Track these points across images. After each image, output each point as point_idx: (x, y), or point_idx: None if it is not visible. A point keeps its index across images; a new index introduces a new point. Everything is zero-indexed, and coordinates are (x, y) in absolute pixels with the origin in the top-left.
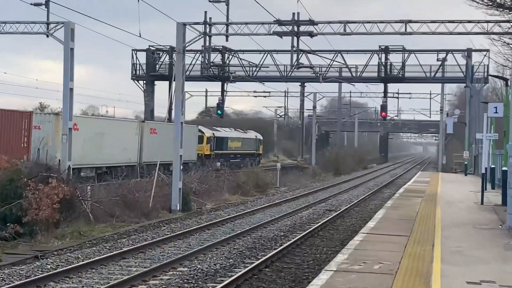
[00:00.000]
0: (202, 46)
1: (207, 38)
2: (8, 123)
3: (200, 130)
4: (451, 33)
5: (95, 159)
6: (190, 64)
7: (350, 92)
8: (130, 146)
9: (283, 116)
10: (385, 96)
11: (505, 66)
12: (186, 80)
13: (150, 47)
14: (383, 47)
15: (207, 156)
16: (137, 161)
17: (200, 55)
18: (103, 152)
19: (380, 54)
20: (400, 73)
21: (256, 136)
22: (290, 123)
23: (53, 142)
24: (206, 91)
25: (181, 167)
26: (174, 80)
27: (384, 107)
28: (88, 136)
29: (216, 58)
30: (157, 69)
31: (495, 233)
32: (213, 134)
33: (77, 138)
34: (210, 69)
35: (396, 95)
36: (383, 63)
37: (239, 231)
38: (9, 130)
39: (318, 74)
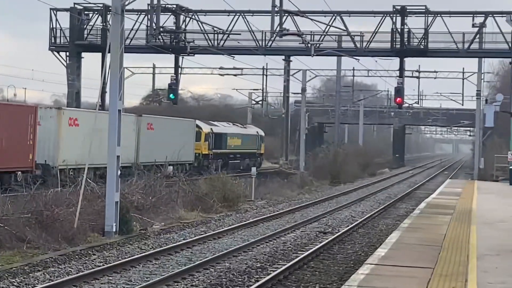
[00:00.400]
0: (149, 4)
1: None
2: (13, 119)
3: (196, 125)
4: None
5: (95, 158)
6: (132, 29)
7: (353, 69)
8: (127, 144)
9: (260, 102)
10: (401, 75)
11: None
12: (126, 52)
13: (76, 6)
14: (399, 7)
15: (205, 156)
16: (134, 161)
17: (146, 18)
18: (102, 151)
19: (394, 18)
20: (422, 43)
21: (257, 132)
22: (270, 112)
23: (55, 139)
24: (154, 67)
25: (119, 172)
26: (108, 52)
27: (399, 91)
28: (88, 133)
29: (167, 21)
30: (85, 36)
31: None
32: (211, 129)
33: (77, 135)
34: (160, 37)
35: (416, 74)
36: (399, 30)
37: (198, 262)
38: (13, 126)
39: (309, 45)
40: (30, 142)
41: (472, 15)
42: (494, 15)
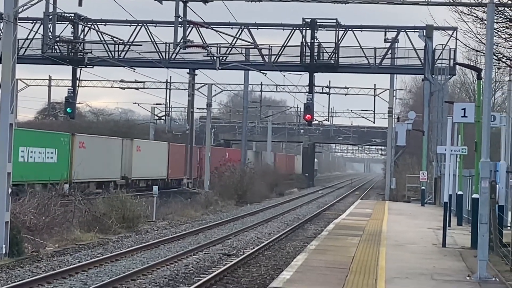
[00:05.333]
0: (44, 12)
1: (51, 0)
2: None
3: None
4: (403, 3)
5: None
6: (26, 39)
7: (261, 84)
8: None
9: (163, 117)
10: (311, 91)
11: (478, 51)
12: (19, 62)
13: None
14: (309, 20)
15: None
16: None
17: (41, 26)
18: None
19: (304, 31)
20: (333, 58)
21: None
22: (174, 128)
23: None
24: (50, 79)
25: (10, 190)
26: (0, 62)
27: (309, 107)
28: None
29: (65, 31)
30: None
31: None
32: None
33: None
34: (56, 47)
35: (326, 89)
36: (309, 44)
37: (94, 286)
38: None
39: (215, 58)
40: None
41: (384, 29)
42: (407, 30)
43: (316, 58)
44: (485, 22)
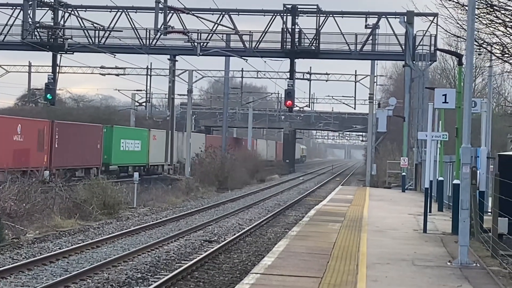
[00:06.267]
0: None
1: None
2: None
3: None
4: None
5: None
6: (6, 25)
7: (242, 70)
8: None
9: (144, 104)
10: (292, 77)
11: (459, 37)
12: None
13: None
14: (290, 6)
15: None
16: None
17: (21, 12)
18: None
19: (285, 17)
20: (314, 44)
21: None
22: (155, 115)
23: None
24: (30, 66)
25: None
26: None
27: (290, 93)
28: None
29: (45, 16)
30: None
31: (442, 273)
32: None
33: None
34: (36, 33)
35: (307, 76)
36: (289, 30)
37: (75, 272)
38: None
39: (196, 44)
40: None
41: (365, 15)
42: (387, 16)
43: (297, 44)
44: (466, 7)
